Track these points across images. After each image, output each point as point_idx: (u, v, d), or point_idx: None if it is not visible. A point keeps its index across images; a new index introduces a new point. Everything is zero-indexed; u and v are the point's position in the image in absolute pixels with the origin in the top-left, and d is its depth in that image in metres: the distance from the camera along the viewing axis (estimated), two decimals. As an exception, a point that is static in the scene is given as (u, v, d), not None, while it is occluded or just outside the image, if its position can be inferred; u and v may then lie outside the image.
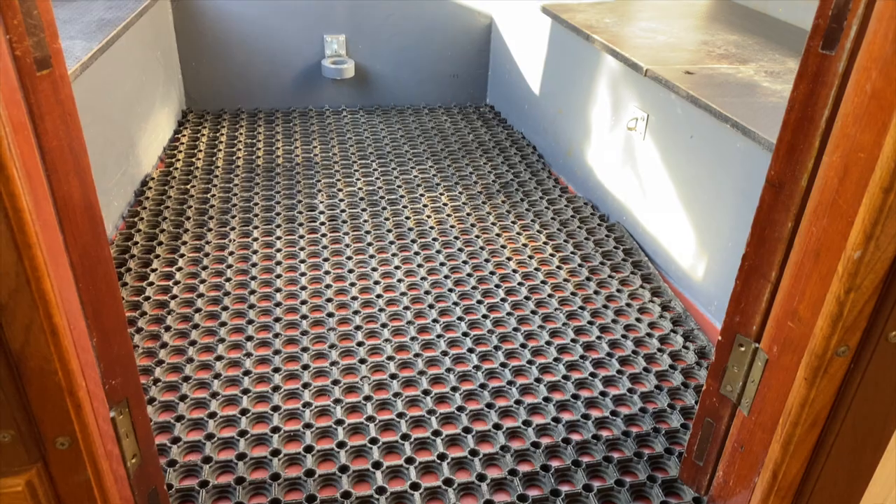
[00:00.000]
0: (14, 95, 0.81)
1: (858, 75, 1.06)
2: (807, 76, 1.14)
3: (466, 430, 1.85)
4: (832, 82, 1.12)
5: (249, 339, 2.15)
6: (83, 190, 1.00)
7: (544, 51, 3.30)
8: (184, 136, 3.43)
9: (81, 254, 1.03)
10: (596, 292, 2.43)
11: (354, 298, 2.34)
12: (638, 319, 2.31)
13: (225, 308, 2.28)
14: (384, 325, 2.22)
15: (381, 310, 2.29)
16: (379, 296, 2.36)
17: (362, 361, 2.07)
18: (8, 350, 0.87)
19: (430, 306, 2.32)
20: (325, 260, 2.55)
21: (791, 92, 1.18)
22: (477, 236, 2.73)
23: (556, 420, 1.90)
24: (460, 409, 1.92)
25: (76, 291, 1.02)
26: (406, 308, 2.31)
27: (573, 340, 2.19)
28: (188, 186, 2.98)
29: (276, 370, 2.03)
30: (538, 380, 2.03)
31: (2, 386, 0.89)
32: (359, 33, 3.68)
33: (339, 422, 1.86)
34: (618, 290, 2.44)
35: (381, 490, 1.66)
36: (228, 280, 2.41)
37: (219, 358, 2.06)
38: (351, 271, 2.49)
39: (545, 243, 2.70)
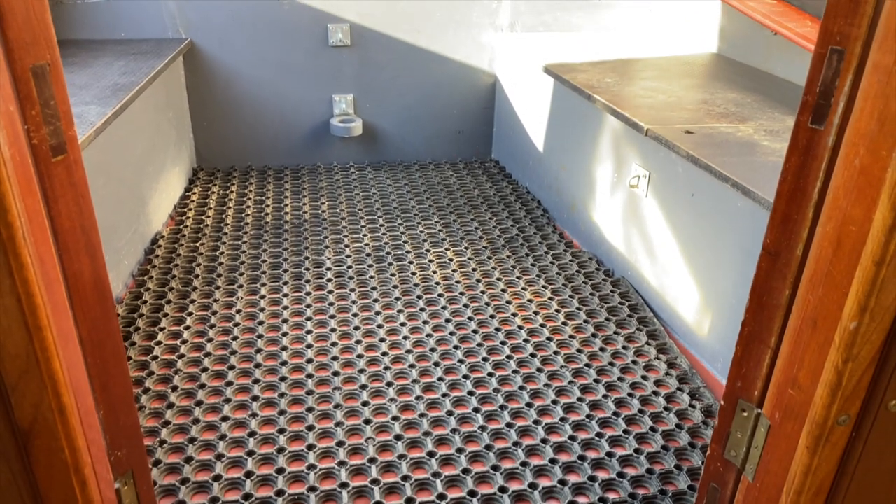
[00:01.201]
0: (30, 185, 0.85)
1: (847, 150, 1.08)
2: (798, 149, 1.17)
3: (472, 493, 1.84)
4: (822, 156, 1.15)
5: (255, 399, 2.16)
6: (93, 267, 1.03)
7: (547, 108, 3.37)
8: (194, 193, 3.49)
9: (90, 329, 1.05)
10: (602, 349, 2.43)
11: (360, 357, 2.36)
12: (644, 377, 2.30)
13: (231, 367, 2.29)
14: (389, 384, 2.23)
15: (386, 368, 2.30)
16: (384, 353, 2.38)
17: (367, 422, 2.07)
18: (17, 428, 0.89)
19: (436, 364, 2.33)
20: (332, 317, 2.57)
21: (783, 163, 1.21)
22: (482, 291, 2.75)
23: (563, 483, 1.88)
24: (465, 471, 1.91)
25: (84, 366, 1.04)
26: (411, 366, 2.32)
27: (579, 399, 2.19)
28: (197, 244, 3.03)
29: (282, 431, 2.03)
30: (544, 440, 2.02)
31: (9, 463, 0.91)
32: (366, 93, 3.76)
33: (344, 485, 1.85)
34: (623, 347, 2.45)
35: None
36: (235, 339, 2.43)
37: (224, 419, 2.07)
38: (357, 328, 2.50)
39: (550, 298, 2.71)
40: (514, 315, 2.61)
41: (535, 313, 2.62)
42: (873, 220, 1.01)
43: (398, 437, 2.02)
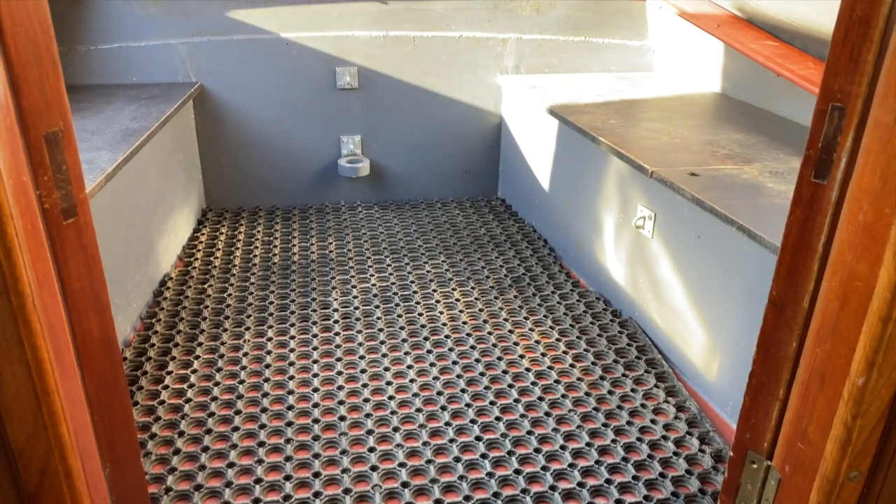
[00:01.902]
0: (42, 251, 0.86)
1: (851, 205, 1.09)
2: (801, 203, 1.18)
3: (479, 542, 1.82)
4: (826, 210, 1.15)
5: (261, 444, 2.15)
6: (102, 326, 1.04)
7: (553, 148, 3.40)
8: (203, 234, 3.52)
9: (98, 387, 1.06)
10: (610, 392, 2.42)
11: (366, 401, 2.35)
12: (653, 421, 2.28)
13: (238, 412, 2.29)
14: (396, 430, 2.21)
15: (392, 412, 2.29)
16: (391, 397, 2.37)
17: (374, 468, 2.06)
18: (23, 492, 0.89)
19: (443, 408, 2.32)
20: (338, 360, 2.56)
21: (788, 216, 1.21)
22: (489, 333, 2.74)
23: (571, 531, 1.86)
24: (473, 519, 1.89)
25: (91, 425, 1.05)
26: (418, 410, 2.30)
27: (588, 444, 2.17)
28: (205, 286, 3.04)
29: (288, 478, 2.02)
30: (553, 487, 2.00)
31: (15, 526, 0.91)
32: (374, 133, 3.80)
33: (350, 534, 1.83)
34: (632, 390, 2.43)
35: None
36: (242, 382, 2.43)
37: (230, 465, 2.06)
38: (363, 371, 2.50)
39: (558, 339, 2.71)
40: (522, 357, 2.60)
41: (543, 355, 2.61)
42: (879, 277, 1.01)
43: (405, 485, 2.00)
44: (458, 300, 2.97)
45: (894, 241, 0.99)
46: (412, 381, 2.45)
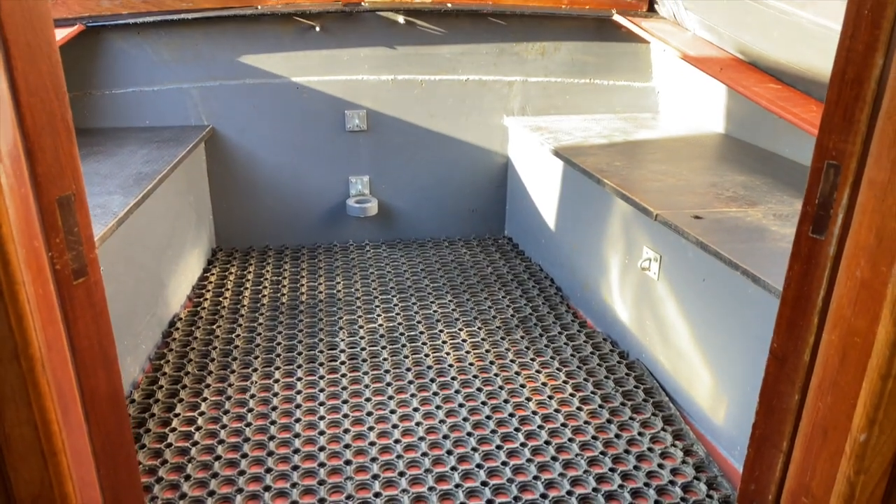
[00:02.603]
0: (52, 313, 0.89)
1: (848, 261, 1.10)
2: (800, 258, 1.19)
3: (485, 592, 1.80)
4: (825, 264, 1.16)
5: (267, 489, 2.14)
6: (109, 381, 1.06)
7: (558, 189, 3.43)
8: (212, 274, 3.55)
9: (104, 441, 1.07)
10: (617, 435, 2.41)
11: (372, 444, 2.34)
12: (660, 465, 2.27)
13: (244, 455, 2.29)
14: (401, 474, 2.21)
15: (398, 456, 2.29)
16: (397, 441, 2.36)
17: (379, 514, 2.05)
18: (28, 550, 0.90)
19: (449, 452, 2.31)
20: (345, 402, 2.57)
21: (787, 270, 1.22)
22: (496, 374, 2.74)
23: (578, 581, 1.84)
24: (478, 568, 1.87)
25: (97, 481, 1.06)
26: (424, 454, 2.30)
27: (595, 490, 2.15)
28: (214, 326, 3.06)
29: (293, 524, 2.01)
30: (558, 534, 1.99)
31: (19, 584, 0.92)
32: (382, 174, 3.85)
33: (355, 583, 1.82)
34: (639, 433, 2.42)
35: None
36: (249, 425, 2.43)
37: (236, 511, 2.06)
38: (370, 414, 2.50)
39: (565, 382, 2.70)
40: (529, 399, 2.59)
41: (550, 398, 2.60)
42: (877, 334, 1.02)
43: (410, 531, 1.99)
44: (464, 341, 2.98)
45: (891, 299, 1.00)
46: (418, 424, 2.45)
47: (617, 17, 3.61)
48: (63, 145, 0.93)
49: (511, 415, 2.50)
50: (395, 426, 2.44)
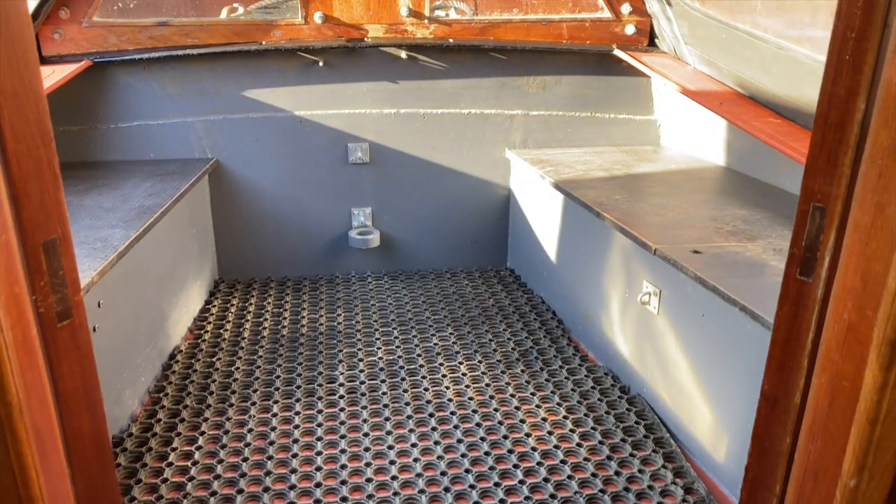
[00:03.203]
0: (32, 358, 0.89)
1: (836, 304, 1.09)
2: (788, 300, 1.19)
3: None
4: (813, 307, 1.16)
5: (262, 526, 2.13)
6: (94, 424, 1.06)
7: (559, 221, 3.43)
8: (214, 306, 3.56)
9: (88, 485, 1.07)
10: (617, 472, 2.38)
11: (369, 480, 2.32)
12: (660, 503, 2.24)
13: (240, 491, 2.27)
14: (398, 512, 2.19)
15: (395, 493, 2.26)
16: (394, 477, 2.34)
17: (374, 553, 2.03)
18: None
19: (446, 489, 2.29)
20: (342, 437, 2.55)
21: (776, 312, 1.22)
22: (495, 409, 2.72)
23: None
24: None
25: (78, 524, 1.05)
26: (421, 492, 2.28)
27: (592, 529, 2.12)
28: (214, 359, 3.06)
29: (286, 563, 1.99)
30: (555, 575, 1.95)
31: None
32: (384, 206, 3.87)
33: None
34: (639, 471, 2.39)
35: None
36: (246, 460, 2.42)
37: (229, 549, 2.04)
38: (367, 450, 2.48)
39: (565, 417, 2.68)
40: (528, 435, 2.57)
41: (550, 433, 2.58)
42: (864, 378, 1.01)
43: (405, 571, 1.96)
44: (464, 374, 2.96)
45: (877, 343, 0.99)
46: (416, 460, 2.43)
47: (617, 52, 3.64)
48: (49, 190, 0.94)
49: (510, 451, 2.48)
50: (392, 462, 2.42)
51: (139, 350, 2.78)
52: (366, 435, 2.57)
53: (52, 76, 3.12)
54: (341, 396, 2.80)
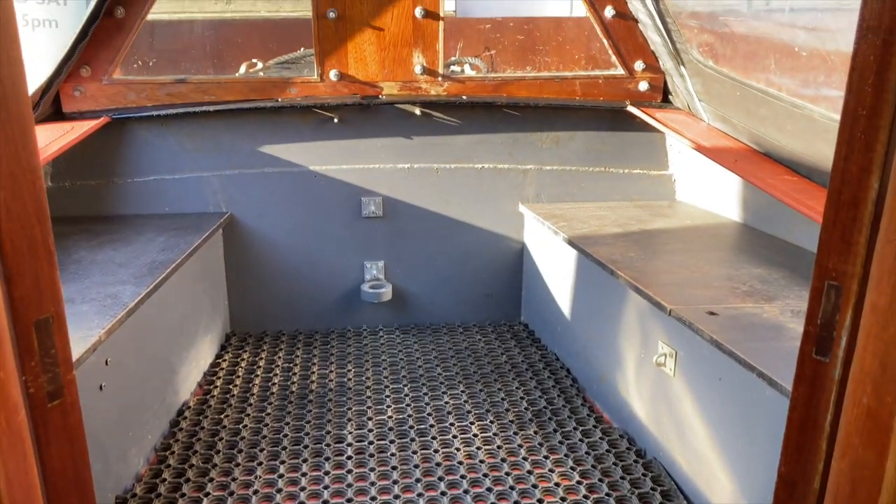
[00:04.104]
0: (15, 445, 0.86)
1: (854, 387, 1.05)
2: (804, 380, 1.14)
3: None
4: (830, 388, 1.11)
5: None
6: (82, 505, 1.03)
7: (573, 277, 3.39)
8: (224, 360, 3.53)
9: (74, 569, 1.03)
10: (631, 543, 2.29)
11: (375, 548, 2.26)
12: (677, 578, 2.14)
13: (242, 558, 2.21)
14: (404, 583, 2.11)
15: (402, 563, 2.19)
16: (401, 545, 2.27)
17: None
18: None
19: (454, 559, 2.21)
20: (349, 501, 2.49)
21: (792, 392, 1.17)
22: (507, 473, 2.65)
23: None
24: None
25: None
26: (428, 561, 2.20)
27: None
28: (222, 416, 3.02)
29: None
30: None
31: None
32: (397, 259, 3.86)
33: None
34: (655, 541, 2.30)
35: None
36: (249, 525, 2.36)
37: None
38: (375, 514, 2.42)
39: (579, 482, 2.60)
40: (540, 501, 2.49)
41: (563, 500, 2.50)
42: (886, 470, 0.96)
43: None
44: (475, 435, 2.90)
45: (899, 433, 0.94)
46: (424, 526, 2.36)
47: (631, 109, 3.65)
48: (43, 269, 0.93)
49: (521, 518, 2.40)
50: (399, 528, 2.35)
51: (146, 407, 2.75)
52: (373, 499, 2.50)
53: (72, 132, 3.18)
54: (349, 457, 2.75)
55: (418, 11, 3.48)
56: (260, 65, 4.82)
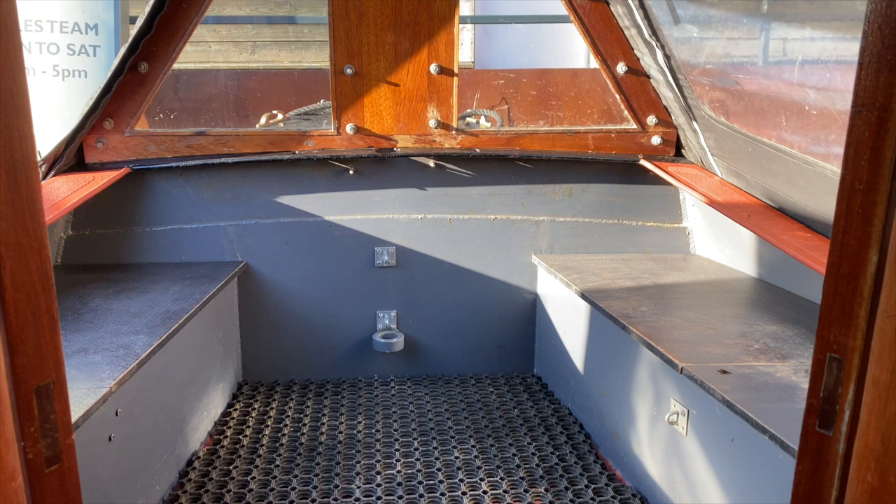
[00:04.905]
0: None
1: (858, 463, 1.03)
2: (808, 454, 1.12)
3: None
4: (834, 463, 1.09)
5: None
6: (76, 571, 1.02)
7: (586, 330, 3.37)
8: (235, 410, 3.53)
9: None
10: None
11: None
12: None
13: None
14: None
15: None
16: None
17: None
18: None
19: None
20: (355, 559, 2.45)
21: (796, 465, 1.15)
22: (516, 531, 2.60)
23: None
24: None
25: None
26: None
27: None
28: (231, 467, 3.01)
29: None
30: None
31: None
32: (409, 309, 3.87)
33: None
34: None
35: None
36: (253, 582, 2.33)
37: None
38: (380, 574, 2.38)
39: (589, 543, 2.54)
40: (549, 563, 2.44)
41: (572, 561, 2.44)
42: (891, 553, 0.93)
43: None
44: (485, 493, 2.85)
45: (904, 514, 0.92)
46: (430, 587, 2.31)
47: (643, 162, 3.67)
48: (46, 336, 0.95)
49: (529, 580, 2.35)
50: (404, 589, 2.31)
51: (156, 457, 2.75)
52: (379, 557, 2.46)
53: (93, 183, 3.26)
54: (356, 512, 2.72)
55: (433, 68, 3.55)
56: (280, 116, 4.92)
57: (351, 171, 3.67)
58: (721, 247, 3.70)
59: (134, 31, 3.27)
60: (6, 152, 0.87)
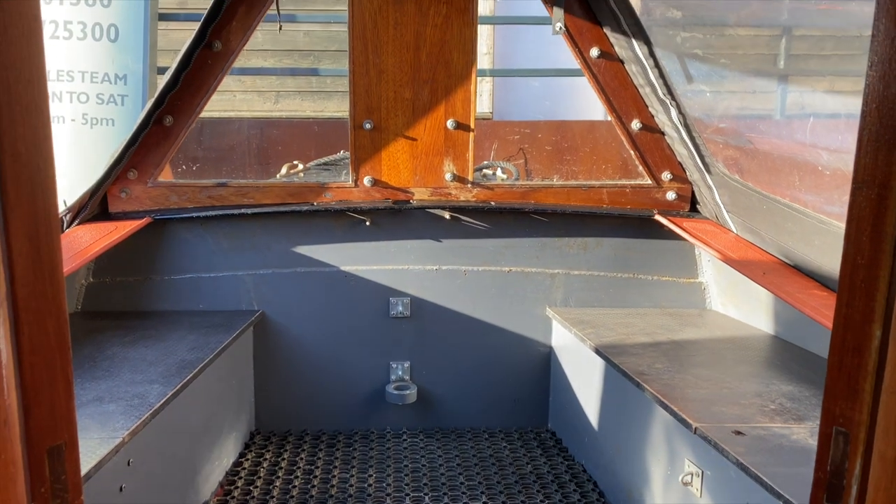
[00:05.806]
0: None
1: (867, 540, 1.01)
2: (817, 527, 1.11)
3: None
4: (844, 539, 1.07)
5: None
6: None
7: (601, 386, 3.35)
8: (247, 460, 3.52)
9: None
10: None
11: None
12: None
13: None
14: None
15: None
16: None
17: None
18: None
19: None
20: None
21: (805, 539, 1.13)
22: None
23: None
24: None
25: None
26: None
27: None
28: (240, 519, 2.99)
29: None
30: None
31: None
32: (423, 360, 3.86)
33: None
34: None
35: None
36: None
37: None
38: None
39: None
40: None
41: None
42: None
43: None
44: (495, 551, 2.81)
45: None
46: None
47: (658, 217, 3.68)
48: (60, 399, 0.97)
49: None
50: None
51: (166, 507, 2.74)
52: None
53: (115, 232, 3.33)
54: (365, 570, 2.68)
55: (450, 123, 3.62)
56: (301, 166, 5.02)
57: (367, 223, 3.72)
58: (737, 303, 3.68)
59: (161, 85, 3.38)
60: (30, 221, 0.91)
